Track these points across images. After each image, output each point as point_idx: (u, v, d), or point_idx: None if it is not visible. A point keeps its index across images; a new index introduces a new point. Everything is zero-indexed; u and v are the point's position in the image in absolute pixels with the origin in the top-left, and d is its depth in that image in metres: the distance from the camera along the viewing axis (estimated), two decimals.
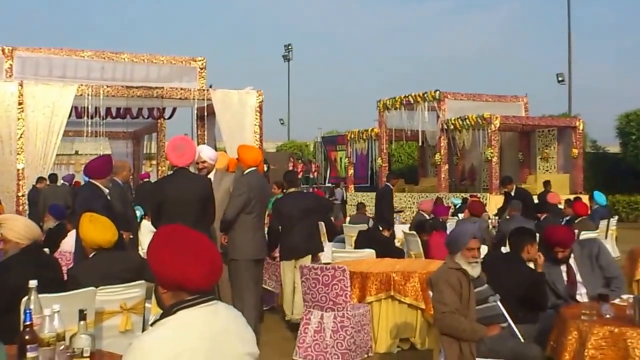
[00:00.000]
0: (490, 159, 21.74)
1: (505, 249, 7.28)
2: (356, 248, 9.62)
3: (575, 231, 8.65)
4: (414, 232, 10.44)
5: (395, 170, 30.33)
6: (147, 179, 17.36)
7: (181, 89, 16.07)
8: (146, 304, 5.16)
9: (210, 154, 7.56)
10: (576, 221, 11.74)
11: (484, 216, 12.15)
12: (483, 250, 6.47)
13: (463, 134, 22.76)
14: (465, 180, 26.49)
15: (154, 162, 23.09)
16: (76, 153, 30.24)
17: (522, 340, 5.10)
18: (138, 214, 10.53)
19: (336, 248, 10.58)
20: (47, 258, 5.18)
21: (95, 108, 15.18)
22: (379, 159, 25.68)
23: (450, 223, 11.77)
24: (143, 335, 2.63)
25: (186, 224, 2.84)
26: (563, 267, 5.87)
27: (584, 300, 5.67)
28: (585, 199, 17.10)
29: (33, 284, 3.49)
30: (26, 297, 3.49)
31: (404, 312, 7.05)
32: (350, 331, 6.58)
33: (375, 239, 9.53)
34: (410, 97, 23.87)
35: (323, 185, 30.96)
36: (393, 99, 24.62)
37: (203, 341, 2.52)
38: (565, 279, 5.84)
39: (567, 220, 12.27)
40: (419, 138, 23.94)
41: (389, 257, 8.49)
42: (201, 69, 17.42)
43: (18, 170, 14.22)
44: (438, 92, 23.17)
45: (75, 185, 16.80)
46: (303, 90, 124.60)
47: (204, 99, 15.82)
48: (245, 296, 7.01)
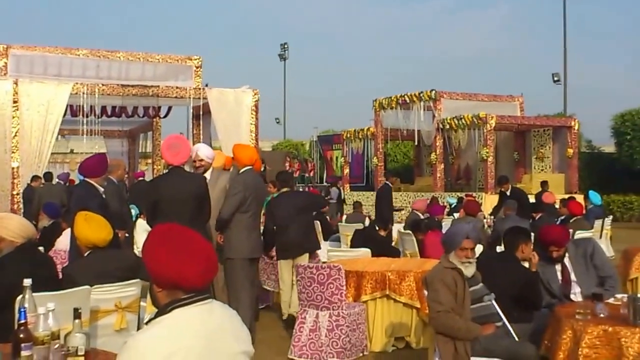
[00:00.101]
0: (485, 158, 21.76)
1: (501, 249, 7.30)
2: (352, 247, 9.62)
3: (570, 231, 8.69)
4: (410, 232, 10.45)
5: (391, 169, 30.35)
6: (142, 178, 17.32)
7: (177, 87, 16.02)
8: (141, 303, 5.15)
9: (208, 153, 7.57)
10: (571, 221, 11.75)
11: (479, 216, 12.18)
12: (478, 250, 6.47)
13: (459, 133, 22.77)
14: (460, 179, 26.51)
15: (149, 161, 23.06)
16: (71, 151, 30.24)
17: (517, 339, 5.11)
18: (133, 212, 10.51)
19: (332, 247, 10.59)
20: (42, 256, 5.17)
21: (91, 106, 15.13)
22: (375, 158, 25.68)
23: (445, 222, 11.79)
24: (138, 334, 2.63)
25: (181, 222, 2.84)
26: (558, 267, 5.89)
27: (578, 299, 5.69)
28: (580, 198, 17.13)
29: (27, 282, 3.48)
30: (21, 296, 3.48)
31: (399, 311, 7.06)
32: (345, 330, 6.59)
33: (371, 238, 9.54)
34: (406, 97, 23.88)
35: (319, 184, 30.96)
36: (389, 99, 24.63)
37: (198, 340, 2.52)
38: (559, 278, 5.86)
39: (562, 219, 12.28)
40: (414, 137, 23.96)
41: (385, 256, 8.50)
42: (197, 67, 17.37)
43: (13, 168, 14.17)
44: (434, 92, 23.19)
45: (70, 184, 16.77)
46: (299, 89, 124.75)
47: (199, 98, 15.77)
48: (240, 295, 7.02)
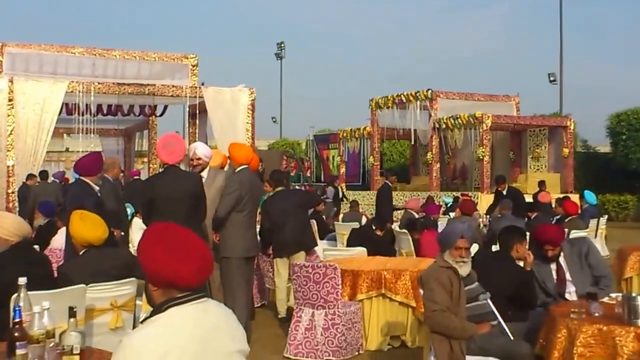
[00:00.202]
0: (481, 158, 21.78)
1: (496, 248, 7.30)
2: (348, 246, 9.62)
3: (565, 230, 8.69)
4: (405, 231, 10.46)
5: (387, 168, 30.36)
6: (138, 177, 17.31)
7: (173, 86, 16.01)
8: (137, 301, 5.15)
9: (205, 152, 7.57)
10: (566, 220, 11.77)
11: (475, 215, 12.18)
12: (474, 249, 6.48)
13: (455, 133, 22.79)
14: (456, 179, 26.53)
15: (145, 160, 23.05)
16: (67, 150, 30.20)
17: (512, 338, 5.11)
18: (129, 211, 10.51)
19: (328, 246, 10.59)
20: (37, 255, 5.17)
21: (87, 105, 15.12)
22: (371, 157, 25.69)
23: (441, 222, 11.79)
24: (133, 333, 2.63)
25: (177, 221, 2.84)
26: (553, 266, 5.90)
27: (573, 298, 5.70)
28: (575, 198, 17.17)
29: (22, 281, 3.48)
30: (16, 294, 3.48)
31: (394, 310, 7.06)
32: (341, 329, 6.60)
33: (368, 237, 9.54)
34: (402, 96, 23.88)
35: (314, 183, 30.95)
36: (385, 98, 24.64)
37: (193, 339, 2.51)
38: (554, 277, 5.88)
39: (558, 219, 12.30)
40: (411, 137, 23.97)
41: (381, 256, 8.51)
42: (193, 66, 17.37)
43: (8, 167, 14.15)
44: (430, 91, 23.20)
45: (65, 182, 16.73)
46: (295, 88, 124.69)
47: (195, 97, 15.77)
48: (236, 294, 7.03)
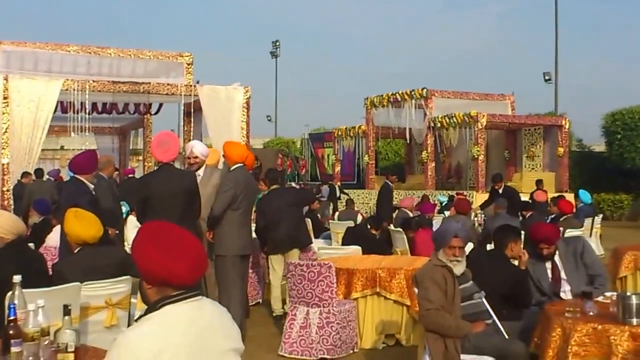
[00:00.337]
0: (476, 157, 21.79)
1: (491, 247, 7.31)
2: (343, 245, 9.63)
3: (560, 229, 8.71)
4: (400, 229, 10.47)
5: (382, 167, 30.39)
6: (132, 175, 17.29)
7: (168, 84, 15.96)
8: (132, 299, 5.15)
9: (202, 150, 7.61)
10: (561, 219, 11.79)
11: (470, 214, 12.19)
12: (468, 248, 6.48)
13: (450, 131, 22.79)
14: (451, 178, 26.54)
15: (140, 158, 23.01)
16: (62, 148, 30.14)
17: (507, 336, 5.12)
18: (124, 209, 10.50)
19: (323, 244, 10.59)
20: (32, 253, 5.17)
21: (81, 103, 15.06)
22: (366, 156, 25.68)
23: (436, 220, 11.80)
24: (128, 331, 2.63)
25: (172, 219, 2.85)
26: (548, 264, 5.91)
27: (568, 297, 5.71)
28: (570, 197, 17.19)
29: (17, 279, 3.48)
30: (10, 292, 3.47)
31: (389, 309, 7.07)
32: (335, 327, 6.60)
33: (363, 236, 9.55)
34: (397, 95, 23.88)
35: (309, 182, 30.94)
36: (380, 97, 24.63)
37: (188, 337, 2.51)
38: (549, 276, 5.88)
39: (552, 218, 12.32)
40: (406, 135, 23.96)
41: (376, 254, 8.51)
42: (188, 64, 17.32)
43: (3, 164, 14.10)
44: (425, 90, 23.19)
45: (59, 180, 16.70)
46: (290, 86, 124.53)
47: (190, 95, 15.72)
48: (231, 292, 7.03)
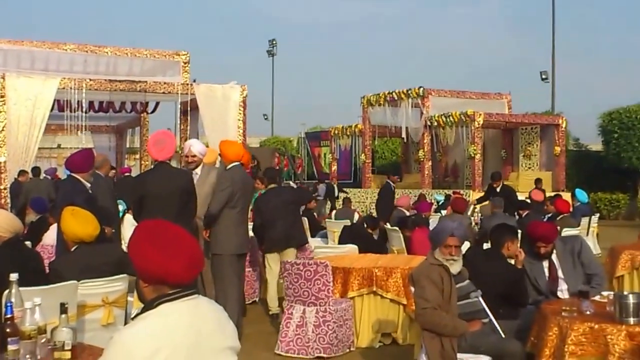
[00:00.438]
0: (473, 156, 21.81)
1: (487, 246, 7.32)
2: (340, 243, 9.63)
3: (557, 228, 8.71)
4: (396, 228, 10.46)
5: (379, 166, 30.38)
6: (128, 174, 17.28)
7: (164, 83, 15.99)
8: (128, 298, 5.16)
9: (200, 149, 7.63)
10: (558, 218, 11.79)
11: (468, 210, 12.19)
12: (465, 247, 6.49)
13: (446, 130, 22.80)
14: (448, 177, 26.55)
15: (137, 157, 23.01)
16: (59, 146, 30.08)
17: (503, 335, 5.13)
18: (121, 208, 10.50)
19: (319, 243, 10.59)
20: (29, 251, 5.17)
21: (78, 101, 15.07)
22: (363, 155, 25.68)
23: (432, 219, 11.80)
24: (124, 329, 2.62)
25: (167, 217, 2.84)
26: (545, 263, 5.91)
27: (565, 296, 5.71)
28: (567, 196, 17.20)
29: (14, 277, 3.48)
30: (7, 290, 3.47)
31: (385, 308, 7.07)
32: (332, 326, 6.60)
33: (359, 235, 9.55)
34: (394, 94, 23.87)
35: (306, 181, 30.93)
36: (377, 95, 24.62)
37: (184, 335, 2.51)
38: (547, 275, 5.89)
39: (549, 217, 12.31)
40: (402, 134, 23.96)
41: (372, 253, 8.51)
42: (185, 63, 17.34)
43: (0, 163, 14.12)
44: (422, 89, 23.19)
45: (55, 178, 16.68)
46: (287, 85, 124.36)
47: (187, 94, 15.74)
48: (228, 290, 7.02)
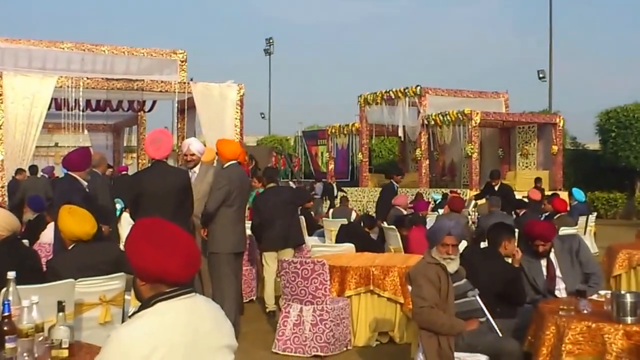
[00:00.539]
0: (470, 154, 21.79)
1: (485, 244, 7.32)
2: (337, 242, 9.63)
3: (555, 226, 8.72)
4: (394, 227, 10.46)
5: (376, 165, 30.35)
6: (125, 172, 17.26)
7: (162, 81, 15.94)
8: (126, 296, 5.15)
9: (199, 147, 7.66)
10: (555, 217, 11.80)
11: (464, 212, 12.19)
12: (462, 246, 6.49)
13: (444, 129, 22.77)
14: (445, 175, 26.53)
15: (134, 155, 22.98)
16: (56, 145, 30.01)
17: (500, 334, 5.13)
18: (118, 206, 10.49)
19: (316, 242, 10.59)
20: (26, 250, 5.16)
21: (75, 100, 15.03)
22: (360, 153, 25.64)
23: (430, 218, 11.80)
24: (121, 328, 2.63)
25: (164, 216, 2.84)
26: (543, 262, 5.91)
27: (562, 295, 5.72)
28: (564, 195, 17.21)
29: (12, 275, 3.47)
30: (5, 289, 3.47)
31: (383, 306, 7.08)
32: (329, 324, 6.60)
33: (356, 234, 9.55)
34: (391, 93, 23.84)
35: (303, 179, 30.93)
36: (374, 94, 24.58)
37: (181, 333, 2.51)
38: (545, 274, 5.89)
39: (547, 216, 12.33)
40: (399, 133, 23.93)
41: (369, 252, 8.52)
42: (182, 61, 17.32)
43: None
44: (419, 88, 23.16)
45: (53, 177, 16.66)
46: (284, 84, 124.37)
47: (184, 92, 15.70)
48: (225, 289, 7.03)
